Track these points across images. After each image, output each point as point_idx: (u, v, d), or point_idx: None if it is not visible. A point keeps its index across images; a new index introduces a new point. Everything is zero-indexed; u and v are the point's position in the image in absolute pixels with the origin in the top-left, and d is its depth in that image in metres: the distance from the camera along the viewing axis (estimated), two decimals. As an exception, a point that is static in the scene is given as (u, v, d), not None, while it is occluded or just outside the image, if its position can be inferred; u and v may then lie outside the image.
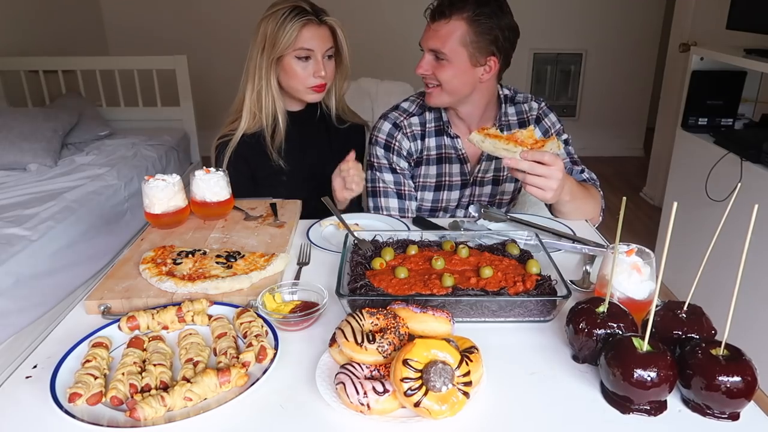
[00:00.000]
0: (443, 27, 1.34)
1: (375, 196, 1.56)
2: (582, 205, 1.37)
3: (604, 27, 4.58)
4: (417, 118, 1.54)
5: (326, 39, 1.49)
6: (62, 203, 2.32)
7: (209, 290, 1.00)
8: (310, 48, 1.47)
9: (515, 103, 1.55)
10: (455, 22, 1.33)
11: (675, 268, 1.83)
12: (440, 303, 0.92)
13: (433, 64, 1.39)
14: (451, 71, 1.37)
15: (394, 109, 1.58)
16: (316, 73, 1.49)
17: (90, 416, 0.72)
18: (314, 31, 1.47)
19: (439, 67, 1.38)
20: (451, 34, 1.34)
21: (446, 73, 1.38)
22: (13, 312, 1.89)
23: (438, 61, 1.38)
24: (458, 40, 1.34)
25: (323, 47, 1.48)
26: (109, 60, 3.73)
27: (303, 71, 1.49)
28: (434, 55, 1.38)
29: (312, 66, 1.49)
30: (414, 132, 1.54)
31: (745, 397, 0.70)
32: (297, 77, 1.50)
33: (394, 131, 1.53)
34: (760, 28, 2.25)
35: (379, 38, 4.45)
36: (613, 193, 3.87)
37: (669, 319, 0.81)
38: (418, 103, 1.56)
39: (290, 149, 1.59)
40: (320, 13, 1.50)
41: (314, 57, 1.48)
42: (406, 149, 1.54)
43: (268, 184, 1.60)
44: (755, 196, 2.00)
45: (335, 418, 0.74)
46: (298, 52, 1.47)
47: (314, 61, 1.48)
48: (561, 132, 1.56)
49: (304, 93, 1.53)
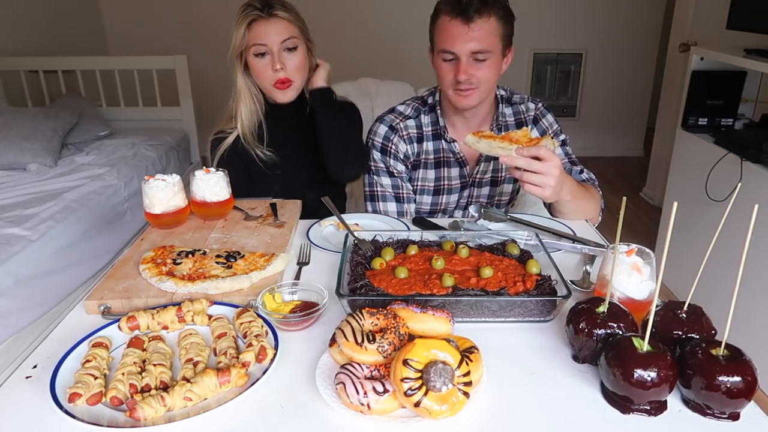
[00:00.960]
0: (484, 25, 1.31)
1: (373, 200, 1.55)
2: (582, 205, 1.37)
3: (604, 27, 4.58)
4: (413, 121, 1.54)
5: (279, 32, 1.46)
6: (62, 203, 2.32)
7: (209, 290, 1.00)
8: (262, 43, 1.45)
9: (512, 104, 1.55)
10: (492, 19, 1.32)
11: (675, 268, 1.83)
12: (440, 303, 0.92)
13: (474, 65, 1.34)
14: (492, 69, 1.36)
15: (390, 112, 1.57)
16: (273, 65, 1.46)
17: (90, 416, 0.72)
18: (264, 26, 1.45)
19: (480, 68, 1.34)
20: (492, 31, 1.32)
21: (488, 72, 1.35)
22: (14, 312, 1.89)
23: (477, 62, 1.34)
24: (497, 35, 1.33)
25: (277, 40, 1.45)
26: (109, 60, 3.73)
27: (262, 67, 1.48)
28: (473, 56, 1.33)
29: (270, 61, 1.47)
30: (410, 135, 1.53)
31: (745, 397, 0.70)
32: (259, 74, 1.49)
33: (390, 134, 1.53)
34: (760, 28, 2.25)
35: (378, 38, 4.45)
36: (613, 193, 3.87)
37: (669, 319, 0.81)
38: (414, 106, 1.55)
39: (278, 144, 1.59)
40: (271, 7, 1.46)
41: (269, 51, 1.46)
42: (403, 152, 1.53)
43: (263, 179, 1.60)
44: (755, 196, 2.00)
45: (335, 418, 0.74)
46: (254, 48, 1.46)
47: (270, 56, 1.47)
48: (559, 132, 1.55)
49: (271, 91, 1.52)
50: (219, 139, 1.58)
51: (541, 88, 4.75)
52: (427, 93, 1.57)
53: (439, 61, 1.38)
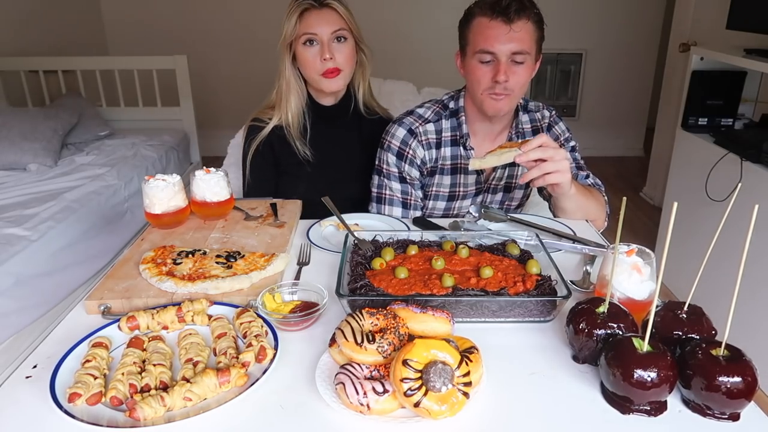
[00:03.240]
0: (524, 26, 1.29)
1: (379, 203, 1.53)
2: (586, 203, 1.36)
3: (604, 27, 4.58)
4: (433, 126, 1.49)
5: (330, 22, 1.49)
6: (62, 203, 2.32)
7: (209, 290, 1.00)
8: (313, 32, 1.47)
9: (528, 111, 1.53)
10: (530, 21, 1.30)
11: (675, 268, 1.83)
12: (440, 303, 0.92)
13: (512, 68, 1.31)
14: (528, 73, 1.34)
15: (409, 114, 1.52)
16: (322, 55, 1.48)
17: (90, 416, 0.72)
18: (315, 16, 1.48)
19: (518, 71, 1.32)
20: (530, 33, 1.31)
21: (523, 76, 1.33)
22: (13, 312, 1.89)
23: (515, 64, 1.31)
24: (534, 39, 1.32)
25: (327, 30, 1.48)
26: (109, 60, 3.73)
27: (312, 57, 1.50)
28: (512, 57, 1.31)
29: (319, 50, 1.49)
30: (429, 140, 1.48)
31: (745, 398, 0.70)
32: (307, 64, 1.51)
33: (408, 138, 1.48)
34: (760, 28, 2.25)
35: (380, 38, 4.43)
36: (613, 193, 3.85)
37: (669, 320, 0.81)
38: (435, 110, 1.50)
39: (317, 143, 1.61)
40: None
41: (319, 40, 1.48)
42: (420, 158, 1.49)
43: (292, 173, 1.62)
44: (755, 196, 2.00)
45: (335, 418, 0.74)
46: (303, 38, 1.48)
47: (320, 45, 1.49)
48: (570, 140, 1.55)
49: (318, 81, 1.53)
50: (256, 127, 1.60)
51: (541, 88, 4.74)
52: (447, 97, 1.53)
53: (474, 63, 1.34)
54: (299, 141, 1.58)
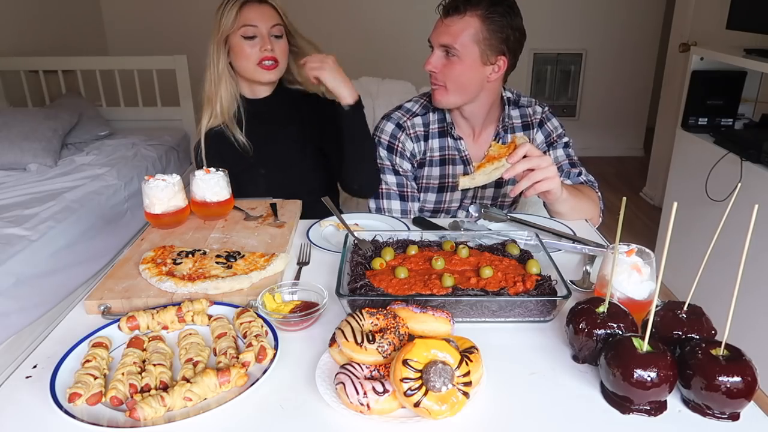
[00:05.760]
0: (457, 22, 1.33)
1: (377, 198, 1.55)
2: (578, 205, 1.37)
3: (604, 27, 4.58)
4: (420, 119, 1.53)
5: (269, 17, 1.52)
6: (62, 203, 2.32)
7: (209, 290, 1.00)
8: (254, 24, 1.49)
9: (519, 106, 1.55)
10: (469, 18, 1.32)
11: (675, 268, 1.83)
12: (440, 303, 0.92)
13: (443, 60, 1.38)
14: (460, 68, 1.36)
15: (397, 109, 1.56)
16: (263, 47, 1.50)
17: (90, 416, 0.72)
18: (255, 9, 1.50)
19: (449, 65, 1.37)
20: (464, 30, 1.33)
21: (455, 71, 1.37)
22: (14, 312, 1.89)
23: (448, 57, 1.37)
24: (471, 37, 1.33)
25: (267, 24, 1.51)
26: (109, 60, 3.72)
27: (250, 49, 1.51)
28: (445, 51, 1.37)
29: (258, 43, 1.51)
30: (417, 133, 1.52)
31: (745, 398, 0.70)
32: (245, 55, 1.52)
33: (397, 132, 1.52)
34: (760, 28, 2.25)
35: (380, 37, 4.45)
36: (613, 193, 3.87)
37: (669, 320, 0.81)
38: (422, 103, 1.55)
39: (258, 139, 1.60)
40: None
41: (259, 33, 1.50)
42: (410, 150, 1.53)
43: (248, 180, 1.59)
44: (755, 196, 2.00)
45: (335, 418, 0.74)
46: (243, 30, 1.49)
47: (260, 38, 1.51)
48: (562, 136, 1.56)
49: (254, 72, 1.54)
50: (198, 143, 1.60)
51: (541, 88, 4.75)
52: None
53: None
54: (236, 132, 1.58)
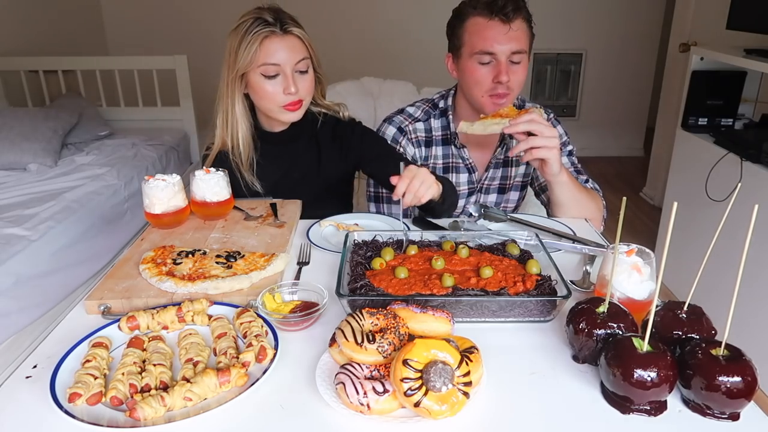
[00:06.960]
0: (521, 25, 1.30)
1: (378, 202, 1.53)
2: (579, 195, 1.36)
3: (604, 27, 4.58)
4: (422, 124, 1.50)
5: (295, 50, 1.32)
6: (62, 203, 2.32)
7: (209, 290, 1.00)
8: (276, 63, 1.31)
9: None
10: (524, 20, 1.31)
11: (675, 268, 1.83)
12: (440, 303, 0.92)
13: (510, 67, 1.31)
14: (525, 72, 1.34)
15: (399, 113, 1.53)
16: (286, 89, 1.32)
17: (90, 416, 0.72)
18: (278, 44, 1.30)
19: (516, 71, 1.32)
20: (525, 32, 1.32)
21: (522, 75, 1.33)
22: (14, 312, 1.89)
23: (513, 64, 1.31)
24: (528, 38, 1.33)
25: (292, 60, 1.32)
26: (109, 60, 3.72)
27: (272, 89, 1.33)
28: (511, 57, 1.30)
29: (281, 82, 1.33)
30: (419, 138, 1.50)
31: (745, 398, 0.70)
32: (266, 96, 1.34)
33: (398, 136, 1.49)
34: (760, 28, 2.25)
35: (381, 38, 4.45)
36: (613, 193, 3.87)
37: (669, 319, 0.81)
38: (424, 109, 1.52)
39: (267, 173, 1.47)
40: (285, 23, 1.32)
41: (282, 72, 1.32)
42: (410, 155, 1.50)
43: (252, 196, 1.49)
44: (755, 196, 2.00)
45: (335, 418, 0.74)
46: (264, 69, 1.31)
47: (283, 77, 1.33)
48: (567, 143, 1.55)
49: (278, 113, 1.38)
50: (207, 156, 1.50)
51: (541, 88, 4.75)
52: (438, 96, 1.54)
53: (472, 64, 1.32)
54: (247, 173, 1.45)
